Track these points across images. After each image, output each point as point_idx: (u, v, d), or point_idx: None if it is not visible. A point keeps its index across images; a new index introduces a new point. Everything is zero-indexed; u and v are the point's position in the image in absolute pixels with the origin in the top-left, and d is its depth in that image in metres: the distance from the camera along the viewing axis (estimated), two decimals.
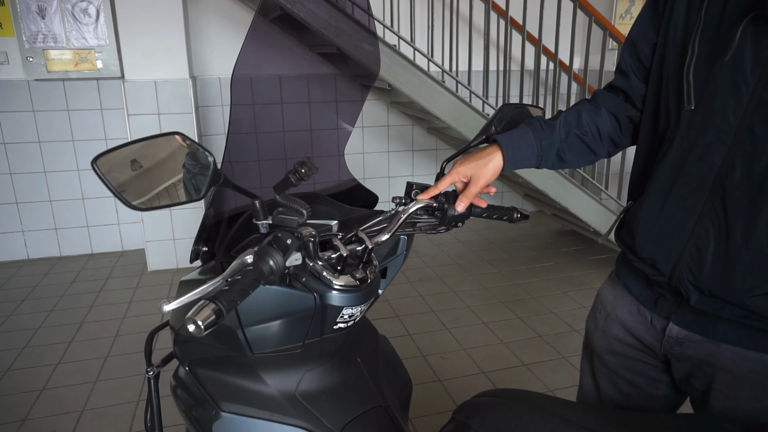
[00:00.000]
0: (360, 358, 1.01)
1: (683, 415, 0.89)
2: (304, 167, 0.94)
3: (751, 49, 0.79)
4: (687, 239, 0.88)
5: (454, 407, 0.92)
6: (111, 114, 3.74)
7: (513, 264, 3.78)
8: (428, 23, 3.78)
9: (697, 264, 0.87)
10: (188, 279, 0.94)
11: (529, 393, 0.90)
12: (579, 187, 3.45)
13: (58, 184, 3.78)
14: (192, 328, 0.63)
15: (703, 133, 0.85)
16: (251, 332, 0.86)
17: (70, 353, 2.65)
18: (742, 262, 0.82)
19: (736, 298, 0.84)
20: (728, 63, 0.82)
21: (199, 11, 3.76)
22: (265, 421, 0.89)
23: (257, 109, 1.22)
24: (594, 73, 3.90)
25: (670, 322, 0.96)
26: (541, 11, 3.29)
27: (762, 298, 0.82)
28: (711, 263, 0.86)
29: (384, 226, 1.00)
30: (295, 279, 0.85)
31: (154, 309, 3.10)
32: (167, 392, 1.00)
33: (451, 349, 2.66)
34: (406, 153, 4.55)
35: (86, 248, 3.97)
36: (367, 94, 2.22)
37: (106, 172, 0.76)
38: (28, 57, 3.45)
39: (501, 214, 1.11)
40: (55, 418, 2.16)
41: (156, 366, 1.00)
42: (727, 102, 0.83)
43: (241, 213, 1.07)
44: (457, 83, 3.58)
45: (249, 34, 1.07)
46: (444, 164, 1.06)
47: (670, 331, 0.96)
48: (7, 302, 3.21)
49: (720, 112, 0.83)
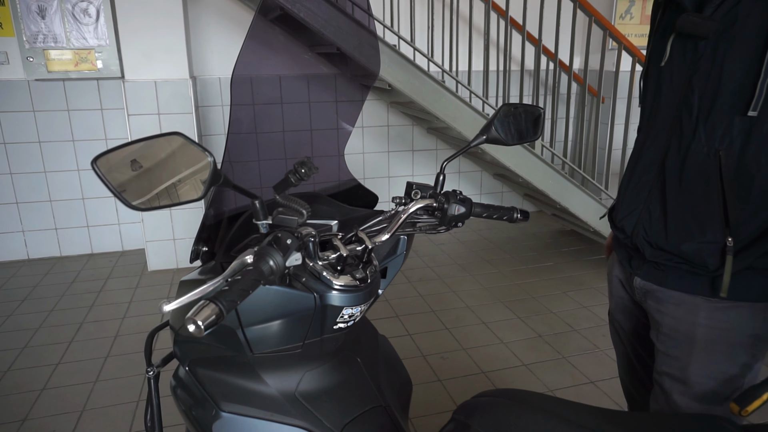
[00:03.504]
0: (360, 358, 1.01)
1: (683, 415, 0.89)
2: (304, 167, 0.94)
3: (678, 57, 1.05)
4: (642, 205, 1.12)
5: (454, 407, 0.92)
6: (111, 114, 3.74)
7: (513, 264, 3.78)
8: (428, 23, 3.78)
9: (647, 223, 1.11)
10: (188, 279, 0.94)
11: (529, 393, 0.90)
12: (579, 187, 3.45)
13: (58, 184, 3.78)
14: (192, 328, 0.63)
15: (653, 125, 1.11)
16: (251, 332, 0.86)
17: (70, 353, 2.65)
18: (674, 218, 1.06)
19: (673, 247, 1.06)
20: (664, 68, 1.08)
21: (199, 11, 3.76)
22: (265, 421, 0.89)
23: (257, 109, 1.22)
24: (594, 73, 3.90)
25: (636, 277, 1.18)
26: (541, 11, 3.28)
27: (690, 245, 1.04)
28: (656, 221, 1.09)
29: (384, 226, 1.00)
30: (295, 279, 0.85)
31: (154, 309, 3.10)
32: (167, 392, 1.00)
33: (451, 349, 2.66)
34: (406, 153, 4.55)
35: (86, 248, 3.97)
36: (367, 94, 2.22)
37: (106, 173, 0.76)
38: (29, 57, 3.45)
39: (501, 214, 1.11)
40: (55, 418, 2.16)
41: (156, 366, 1.00)
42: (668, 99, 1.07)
43: (241, 213, 1.07)
44: (457, 83, 3.57)
45: (249, 34, 1.07)
46: (444, 164, 1.06)
47: (636, 282, 1.18)
48: (7, 302, 3.21)
49: (663, 108, 1.08)
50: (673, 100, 1.06)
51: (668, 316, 1.11)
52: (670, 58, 1.06)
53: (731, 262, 1.00)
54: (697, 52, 1.01)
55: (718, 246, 1.01)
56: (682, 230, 1.05)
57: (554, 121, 3.63)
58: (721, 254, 1.01)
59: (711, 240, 1.02)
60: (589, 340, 2.75)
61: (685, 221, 1.05)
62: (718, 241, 1.01)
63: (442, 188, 1.06)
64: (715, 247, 1.02)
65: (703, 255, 1.03)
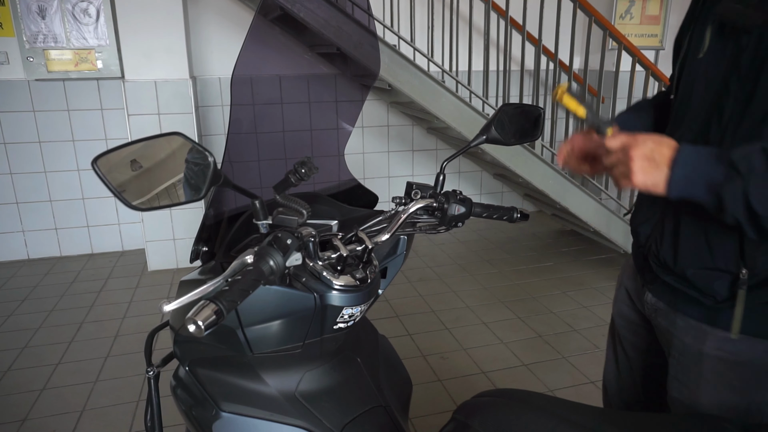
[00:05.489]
0: (360, 358, 1.01)
1: (683, 416, 0.89)
2: (304, 167, 0.94)
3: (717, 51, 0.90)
4: (659, 215, 1.00)
5: (454, 407, 0.92)
6: (111, 114, 3.74)
7: (513, 264, 3.78)
8: (428, 23, 3.78)
9: (659, 237, 0.99)
10: (188, 279, 0.94)
11: (529, 393, 0.90)
12: (579, 187, 3.45)
13: (58, 184, 3.78)
14: (192, 328, 0.63)
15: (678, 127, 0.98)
16: (251, 332, 0.86)
17: (70, 353, 2.65)
18: (686, 239, 0.94)
19: (680, 270, 0.96)
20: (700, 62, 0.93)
21: (199, 11, 3.76)
22: (265, 421, 0.89)
23: (257, 109, 1.22)
24: (594, 73, 3.90)
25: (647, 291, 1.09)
26: (541, 11, 3.28)
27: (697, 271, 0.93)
28: (667, 238, 0.98)
29: (384, 226, 1.00)
30: (295, 279, 0.85)
31: (154, 309, 3.10)
32: (167, 392, 1.00)
33: (451, 349, 2.66)
34: (406, 153, 4.55)
35: (86, 248, 3.97)
36: (367, 94, 2.21)
37: (107, 173, 0.76)
38: (29, 57, 3.45)
39: (501, 214, 1.11)
40: (55, 418, 2.16)
41: (156, 366, 1.00)
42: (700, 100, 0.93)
43: (241, 213, 1.07)
44: (457, 83, 3.57)
45: (249, 34, 1.07)
46: (444, 164, 1.06)
47: (647, 297, 1.09)
48: (7, 302, 3.21)
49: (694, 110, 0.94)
50: (705, 102, 0.92)
51: (677, 340, 1.02)
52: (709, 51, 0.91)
53: (743, 297, 0.89)
54: (739, 46, 0.86)
55: (729, 276, 0.90)
56: (691, 253, 0.94)
57: (554, 121, 3.63)
58: (731, 286, 0.90)
59: (722, 268, 0.90)
60: (589, 340, 2.75)
61: (696, 244, 0.93)
62: (729, 271, 0.90)
63: (442, 188, 1.06)
64: (726, 276, 0.91)
65: (711, 283, 0.92)
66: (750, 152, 0.76)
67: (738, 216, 0.77)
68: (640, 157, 0.81)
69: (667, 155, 0.80)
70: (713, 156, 0.79)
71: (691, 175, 0.79)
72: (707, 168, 0.78)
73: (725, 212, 0.78)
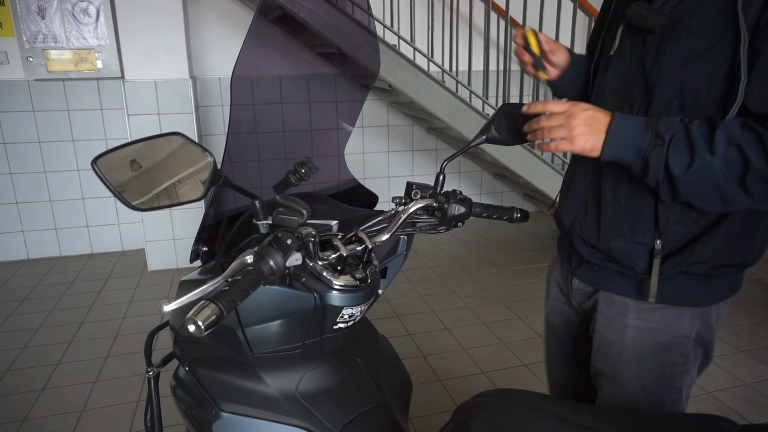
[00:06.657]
0: (360, 358, 1.01)
1: (683, 415, 0.89)
2: (304, 167, 0.94)
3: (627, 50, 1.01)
4: (581, 199, 1.10)
5: (454, 407, 0.92)
6: (111, 114, 3.74)
7: (513, 264, 3.78)
8: (428, 23, 3.78)
9: (583, 218, 1.09)
10: (188, 279, 0.94)
11: (529, 393, 0.90)
12: None
13: (58, 184, 3.78)
14: (192, 328, 0.63)
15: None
16: (251, 332, 0.86)
17: (70, 353, 2.65)
18: (607, 216, 1.04)
19: (604, 245, 1.04)
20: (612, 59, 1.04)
21: (199, 11, 3.76)
22: (265, 421, 0.89)
23: (257, 109, 1.22)
24: None
25: (574, 278, 1.17)
26: (541, 11, 3.29)
27: (619, 243, 1.02)
28: (590, 217, 1.07)
29: (384, 226, 1.00)
30: (295, 279, 0.85)
31: (154, 309, 3.10)
32: (167, 392, 1.00)
33: (451, 349, 2.66)
34: (406, 153, 4.55)
35: (86, 248, 3.97)
36: (367, 94, 2.22)
37: (106, 173, 0.76)
38: (28, 57, 3.44)
39: (501, 214, 1.11)
40: (55, 418, 2.16)
41: (156, 366, 1.00)
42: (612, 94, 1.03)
43: (241, 213, 1.07)
44: (457, 83, 3.57)
45: (249, 34, 1.07)
46: (444, 164, 1.06)
47: (574, 284, 1.18)
48: (7, 302, 3.21)
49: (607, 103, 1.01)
50: (617, 94, 1.02)
51: (602, 315, 1.11)
52: (619, 50, 1.03)
53: (658, 265, 0.98)
54: (644, 46, 0.96)
55: (647, 248, 1.00)
56: (612, 228, 1.03)
57: None
58: (648, 257, 1.00)
59: (640, 241, 1.00)
60: None
61: (616, 219, 1.02)
62: (646, 243, 0.99)
63: (442, 188, 1.06)
64: (643, 248, 1.00)
65: (631, 255, 1.01)
66: (672, 123, 0.87)
67: (659, 178, 0.88)
68: (581, 123, 0.91)
69: (605, 122, 0.91)
70: (643, 124, 0.90)
71: (624, 141, 0.90)
72: (637, 135, 0.89)
73: (649, 174, 0.89)
